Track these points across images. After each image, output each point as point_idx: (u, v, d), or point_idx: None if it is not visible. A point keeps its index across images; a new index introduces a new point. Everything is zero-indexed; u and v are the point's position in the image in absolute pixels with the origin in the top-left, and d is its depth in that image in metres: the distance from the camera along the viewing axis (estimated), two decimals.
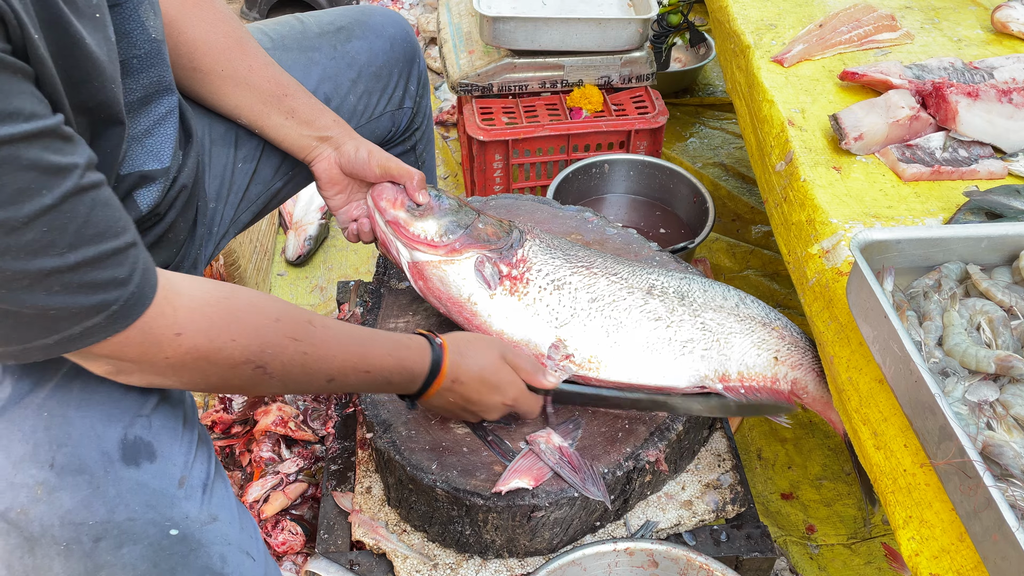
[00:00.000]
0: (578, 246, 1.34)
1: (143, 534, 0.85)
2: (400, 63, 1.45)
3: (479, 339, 1.14)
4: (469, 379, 1.08)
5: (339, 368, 0.96)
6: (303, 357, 0.92)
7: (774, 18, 1.69)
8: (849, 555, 1.65)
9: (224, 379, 0.88)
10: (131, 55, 0.94)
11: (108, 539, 0.84)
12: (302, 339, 0.92)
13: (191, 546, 0.89)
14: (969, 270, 1.08)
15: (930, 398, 0.88)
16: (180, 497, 0.90)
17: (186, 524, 0.89)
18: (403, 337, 1.06)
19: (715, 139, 2.73)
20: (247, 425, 1.79)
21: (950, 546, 0.89)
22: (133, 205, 0.98)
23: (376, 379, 1.01)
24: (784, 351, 1.26)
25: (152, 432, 0.92)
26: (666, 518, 1.25)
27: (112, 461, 0.87)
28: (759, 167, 1.49)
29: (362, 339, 1.00)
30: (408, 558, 1.21)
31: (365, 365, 0.99)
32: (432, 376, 1.06)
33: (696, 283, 1.31)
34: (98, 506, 0.84)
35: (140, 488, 0.87)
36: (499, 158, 2.09)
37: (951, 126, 1.34)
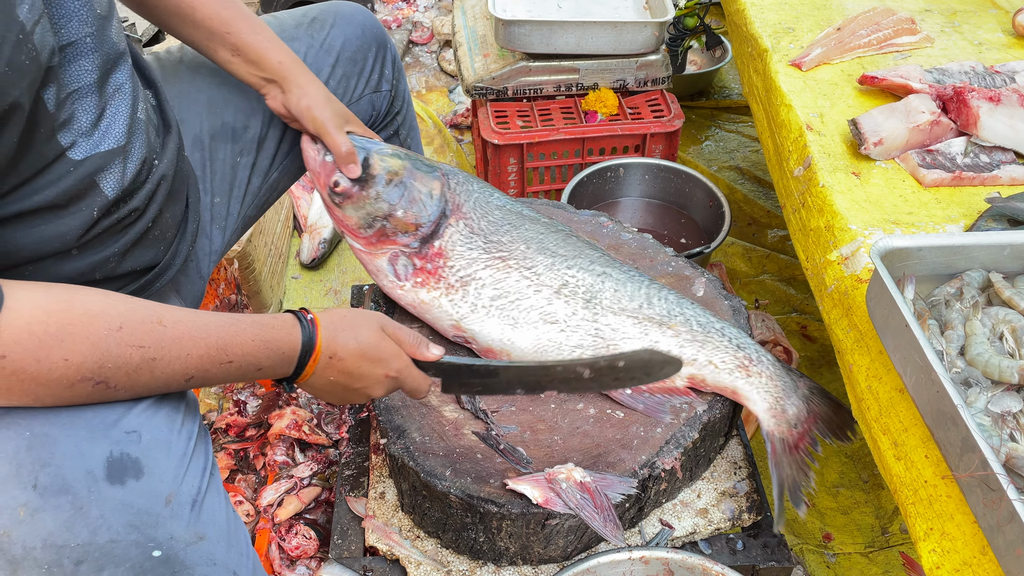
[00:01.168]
0: (510, 224, 1.34)
1: (125, 556, 0.83)
2: (373, 47, 1.49)
3: (355, 313, 1.07)
4: (347, 353, 1.02)
5: (196, 365, 0.90)
6: (151, 364, 0.86)
7: (792, 21, 1.67)
8: (866, 564, 1.63)
9: (59, 399, 0.83)
10: (83, 34, 0.90)
11: (89, 562, 0.82)
12: (149, 345, 0.85)
13: (174, 568, 0.87)
14: (992, 278, 1.07)
15: (952, 409, 0.87)
16: (166, 516, 0.87)
17: (170, 545, 0.86)
18: (269, 318, 0.99)
19: (731, 142, 2.71)
20: (261, 428, 1.80)
21: (972, 559, 0.87)
22: (98, 191, 0.94)
23: (243, 367, 0.95)
24: (677, 350, 1.25)
25: (141, 447, 0.89)
26: (681, 526, 1.24)
27: (96, 480, 0.84)
28: (777, 172, 1.47)
29: (221, 329, 0.93)
30: (421, 564, 1.20)
31: (226, 356, 0.92)
32: (306, 355, 1.00)
33: (613, 281, 1.29)
34: (80, 528, 0.82)
35: (124, 508, 0.85)
36: (514, 162, 2.08)
37: (972, 131, 1.33)
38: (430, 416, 1.23)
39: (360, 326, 1.04)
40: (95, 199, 0.94)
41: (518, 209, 1.37)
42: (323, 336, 1.01)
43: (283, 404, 1.80)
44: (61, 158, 0.89)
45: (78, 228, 0.92)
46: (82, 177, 0.92)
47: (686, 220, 2.07)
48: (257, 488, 1.71)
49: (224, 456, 1.76)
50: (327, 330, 1.01)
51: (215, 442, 1.81)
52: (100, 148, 0.94)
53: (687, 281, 1.44)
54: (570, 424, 1.23)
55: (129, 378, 0.85)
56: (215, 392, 1.97)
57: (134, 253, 1.03)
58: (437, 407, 1.25)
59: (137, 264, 1.04)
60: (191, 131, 1.29)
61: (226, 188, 1.32)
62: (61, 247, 0.92)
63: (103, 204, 0.95)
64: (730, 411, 1.28)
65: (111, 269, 0.99)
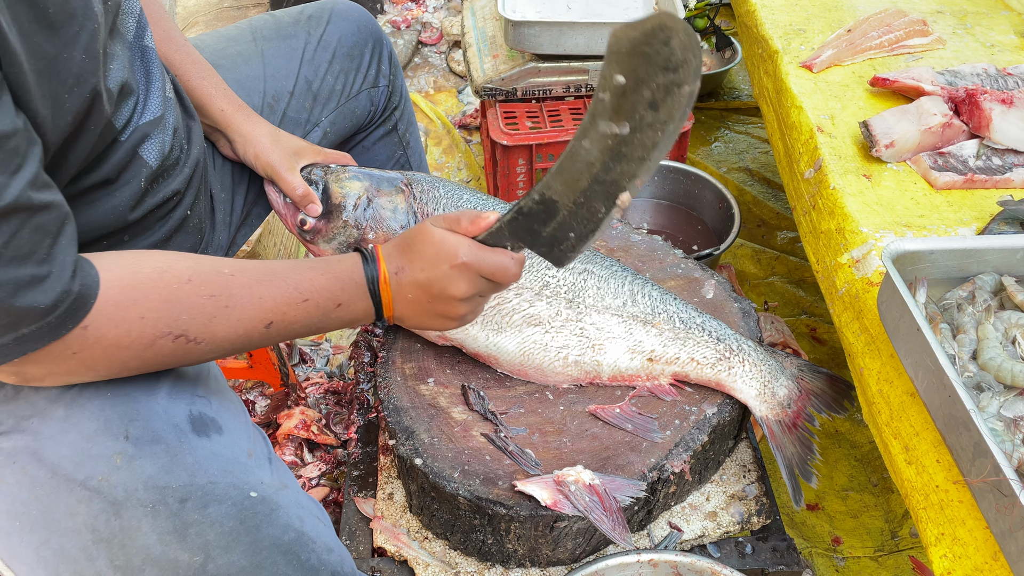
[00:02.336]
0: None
1: (225, 495, 0.87)
2: (370, 43, 1.51)
3: (411, 228, 1.02)
4: (408, 261, 0.98)
5: (273, 308, 0.90)
6: (226, 312, 0.87)
7: (803, 23, 1.67)
8: (876, 568, 1.62)
9: (144, 360, 0.85)
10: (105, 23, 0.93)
11: (193, 500, 0.86)
12: (219, 293, 0.87)
13: (271, 506, 0.91)
14: (1004, 282, 1.06)
15: (964, 413, 0.86)
16: (252, 466, 0.92)
17: (262, 488, 0.91)
18: (332, 257, 1.00)
19: (740, 143, 2.70)
20: (270, 428, 1.80)
21: (984, 565, 0.87)
22: (141, 162, 0.98)
23: (321, 305, 0.94)
24: (660, 348, 1.25)
25: (214, 410, 0.94)
26: (690, 529, 1.24)
27: (184, 433, 0.88)
28: (787, 174, 1.47)
29: (288, 270, 0.93)
30: (430, 566, 1.20)
31: (300, 294, 0.92)
32: (375, 280, 0.98)
33: (595, 278, 1.28)
34: (179, 471, 0.86)
35: (215, 456, 0.89)
36: (523, 162, 2.08)
37: (985, 134, 1.32)
38: (439, 418, 1.23)
39: (413, 233, 1.00)
40: (141, 169, 0.97)
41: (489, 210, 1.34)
42: (384, 254, 0.99)
43: (291, 404, 1.81)
44: (108, 131, 0.93)
45: (129, 200, 0.96)
46: (128, 149, 0.96)
47: (696, 221, 2.06)
48: None
49: None
50: (386, 249, 1.00)
51: None
52: (142, 120, 0.98)
53: (697, 283, 1.43)
54: (579, 426, 1.23)
55: (207, 328, 0.86)
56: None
57: (176, 239, 1.07)
58: (446, 408, 1.25)
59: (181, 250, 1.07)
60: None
61: (229, 183, 1.34)
62: (116, 221, 0.96)
63: (148, 173, 0.98)
64: (739, 414, 1.27)
65: None
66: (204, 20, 2.99)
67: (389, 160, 1.68)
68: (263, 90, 1.37)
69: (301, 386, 1.87)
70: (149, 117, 0.99)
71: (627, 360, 1.26)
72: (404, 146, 1.63)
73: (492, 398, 1.26)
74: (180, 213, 1.07)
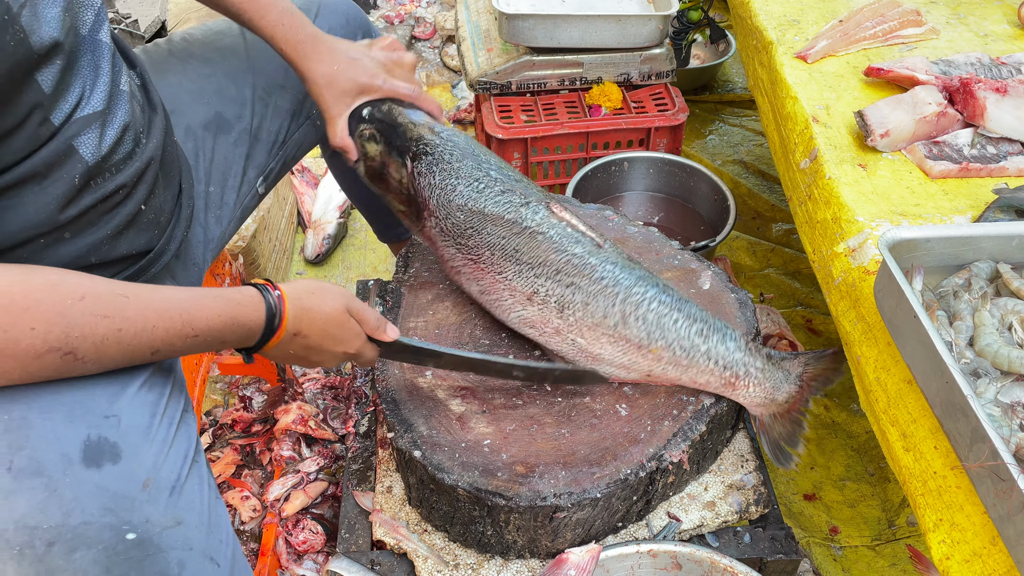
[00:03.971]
0: (473, 228, 1.28)
1: (97, 538, 0.83)
2: (358, 36, 1.50)
3: (322, 290, 1.07)
4: (312, 331, 1.03)
5: (162, 338, 0.90)
6: (117, 335, 0.85)
7: (797, 14, 1.67)
8: (873, 557, 1.63)
9: (28, 372, 0.82)
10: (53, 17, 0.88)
11: (61, 543, 0.82)
12: (113, 315, 0.85)
13: (148, 551, 0.86)
14: (1000, 269, 1.07)
15: (962, 399, 0.87)
16: (142, 500, 0.87)
17: (145, 528, 0.86)
18: (234, 292, 0.98)
19: (735, 136, 2.71)
20: (267, 424, 1.80)
21: (982, 550, 0.87)
22: (76, 156, 0.93)
23: (207, 340, 0.95)
24: (659, 371, 1.22)
25: (120, 431, 0.90)
26: (689, 519, 1.24)
27: (72, 463, 0.85)
28: (783, 164, 1.47)
29: (186, 303, 0.93)
30: (429, 558, 1.20)
31: (191, 330, 0.92)
32: (270, 330, 1.00)
33: (582, 293, 1.22)
34: (53, 510, 0.82)
35: (99, 491, 0.85)
36: (518, 156, 2.08)
37: (979, 122, 1.32)
38: (437, 410, 1.23)
39: (327, 303, 1.05)
40: (75, 165, 0.92)
41: (480, 207, 1.28)
42: (289, 313, 1.01)
43: (289, 399, 1.81)
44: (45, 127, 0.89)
45: (59, 197, 0.91)
46: (61, 142, 0.91)
47: (691, 214, 2.06)
48: (264, 483, 1.71)
49: (230, 452, 1.77)
50: (293, 307, 1.01)
51: (220, 438, 1.81)
52: (79, 114, 0.93)
53: (693, 274, 1.44)
54: (577, 417, 1.23)
55: (97, 349, 0.85)
56: (220, 388, 1.97)
57: (128, 236, 1.03)
58: (444, 401, 1.25)
59: (132, 248, 1.03)
60: (182, 121, 1.29)
61: (220, 178, 1.32)
62: (47, 220, 0.91)
63: (83, 170, 0.93)
64: (737, 404, 1.27)
65: (105, 252, 0.99)
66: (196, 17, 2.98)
67: None
68: (253, 83, 1.36)
69: (298, 381, 1.86)
70: (89, 111, 0.94)
71: (624, 373, 1.25)
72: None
73: (491, 388, 1.26)
74: (130, 208, 1.02)
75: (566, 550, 1.16)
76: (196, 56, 1.34)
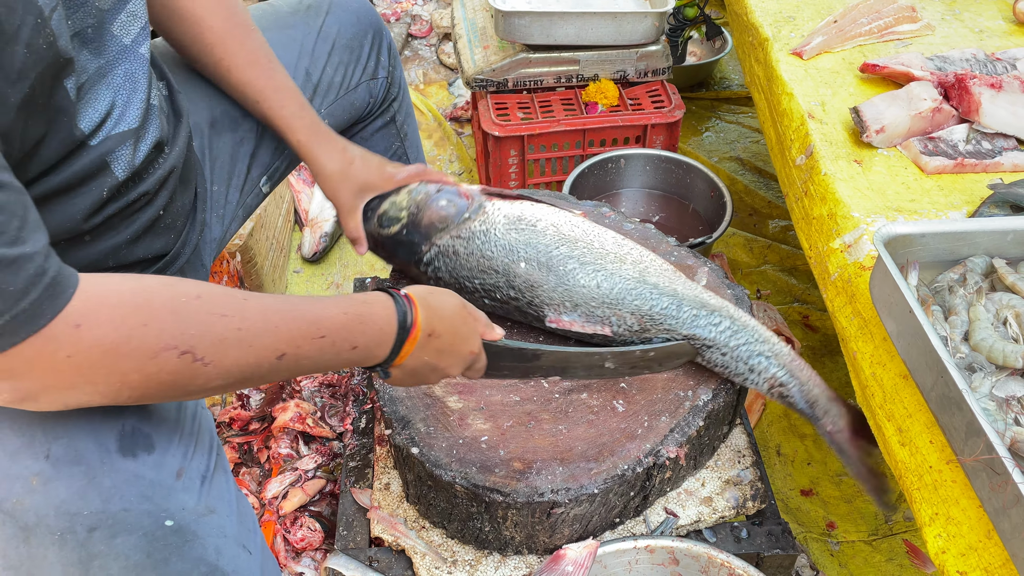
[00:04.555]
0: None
1: (137, 524, 0.85)
2: (369, 34, 1.49)
3: (439, 290, 1.03)
4: (444, 329, 0.97)
5: (287, 339, 0.84)
6: (238, 334, 0.80)
7: (792, 10, 1.67)
8: (870, 552, 1.63)
9: (147, 375, 0.76)
10: (86, 25, 0.89)
11: (102, 529, 0.83)
12: (232, 314, 0.80)
13: (186, 537, 0.88)
14: (995, 264, 1.07)
15: (957, 394, 0.87)
16: (177, 488, 0.89)
17: (182, 515, 0.88)
18: (358, 295, 0.94)
19: (731, 133, 2.71)
20: (265, 422, 1.80)
21: (977, 543, 0.88)
22: (108, 172, 0.93)
23: (336, 343, 0.88)
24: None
25: (151, 424, 0.90)
26: (686, 515, 1.24)
27: (109, 452, 0.86)
28: (779, 161, 1.47)
29: (308, 303, 0.88)
30: (427, 555, 1.21)
31: (318, 330, 0.86)
32: (403, 330, 0.93)
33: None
34: (93, 496, 0.83)
35: (136, 479, 0.86)
36: (514, 153, 2.08)
37: (974, 118, 1.33)
38: (434, 407, 1.24)
39: (447, 300, 1.00)
40: (105, 179, 0.93)
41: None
42: (421, 311, 0.95)
43: (286, 397, 1.81)
44: (80, 143, 0.89)
45: (86, 209, 0.92)
46: (95, 158, 0.91)
47: (688, 210, 2.07)
48: (262, 481, 1.72)
49: (228, 450, 1.77)
50: (422, 304, 0.95)
51: (218, 435, 1.82)
52: (115, 131, 0.94)
53: (690, 271, 1.44)
54: (574, 414, 1.23)
55: (216, 348, 0.79)
56: None
57: (145, 240, 1.03)
58: (441, 397, 1.25)
59: (148, 252, 1.04)
60: (191, 119, 1.29)
61: (224, 176, 1.32)
62: (70, 228, 0.91)
63: (113, 185, 0.93)
64: (734, 399, 1.28)
65: (123, 256, 1.00)
66: None
67: (387, 152, 1.67)
68: None
69: (295, 379, 1.86)
70: (124, 127, 0.94)
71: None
72: (402, 138, 1.62)
73: (488, 386, 1.27)
74: (150, 214, 1.02)
75: (564, 546, 1.16)
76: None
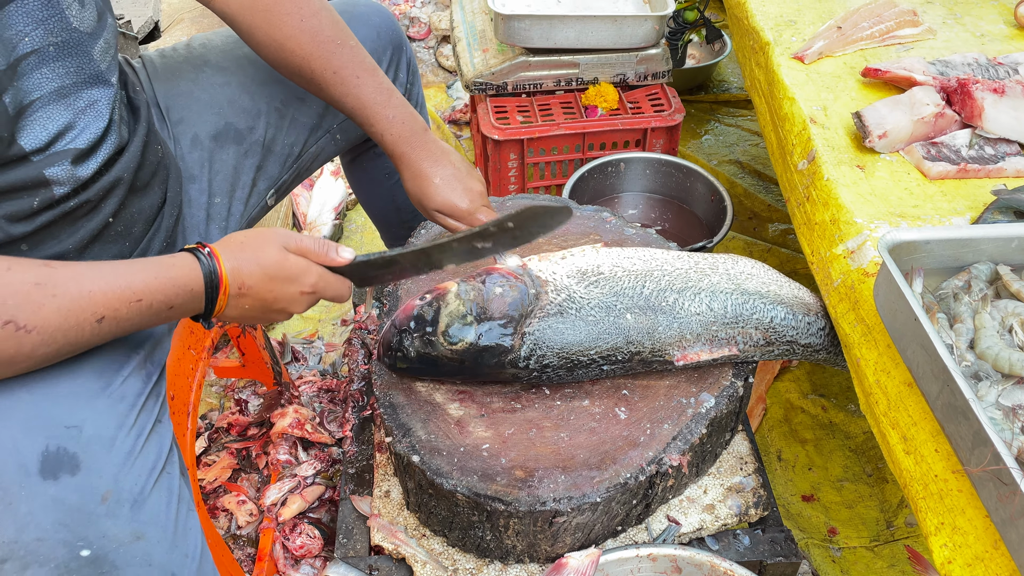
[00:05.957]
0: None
1: (50, 555, 0.82)
2: (388, 51, 1.46)
3: (254, 236, 1.03)
4: (255, 281, 0.98)
5: (104, 303, 0.86)
6: (54, 300, 0.82)
7: (793, 14, 1.67)
8: (872, 558, 1.63)
9: None
10: (48, 43, 0.90)
11: (13, 560, 0.81)
12: (44, 282, 0.82)
13: (101, 568, 0.85)
14: (1000, 271, 1.06)
15: (963, 402, 0.86)
16: (100, 514, 0.86)
17: (101, 543, 0.85)
18: (166, 258, 0.95)
19: (731, 136, 2.71)
20: (263, 427, 1.79)
21: (984, 554, 0.87)
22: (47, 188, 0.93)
23: (154, 307, 0.91)
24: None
25: (81, 442, 0.88)
26: (688, 522, 1.24)
27: (29, 475, 0.83)
28: (780, 165, 1.47)
29: (121, 268, 0.90)
30: (427, 563, 1.20)
31: (132, 293, 0.88)
32: (212, 289, 0.96)
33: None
34: (8, 525, 0.81)
35: (55, 504, 0.83)
36: (514, 157, 2.08)
37: (977, 123, 1.32)
38: (435, 414, 1.23)
39: (261, 248, 1.00)
40: (39, 192, 0.92)
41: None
42: (226, 268, 0.97)
43: (285, 403, 1.80)
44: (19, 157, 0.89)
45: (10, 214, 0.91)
46: (34, 174, 0.91)
47: (688, 215, 2.06)
48: (260, 487, 1.71)
49: (226, 456, 1.76)
50: (229, 261, 0.97)
51: (216, 441, 1.80)
52: (65, 147, 0.93)
53: None
54: (576, 421, 1.22)
55: (36, 315, 0.81)
56: (216, 391, 1.96)
57: (95, 248, 1.01)
58: (442, 404, 1.24)
59: (100, 259, 1.01)
60: (190, 130, 1.27)
61: (227, 188, 1.30)
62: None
63: (48, 198, 0.93)
64: (737, 406, 1.27)
65: None
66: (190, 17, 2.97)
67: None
68: (269, 94, 1.33)
69: (294, 384, 1.85)
70: (75, 147, 0.95)
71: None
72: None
73: (489, 393, 1.26)
74: (97, 221, 1.01)
75: (566, 554, 1.15)
76: (211, 64, 1.31)
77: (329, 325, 2.17)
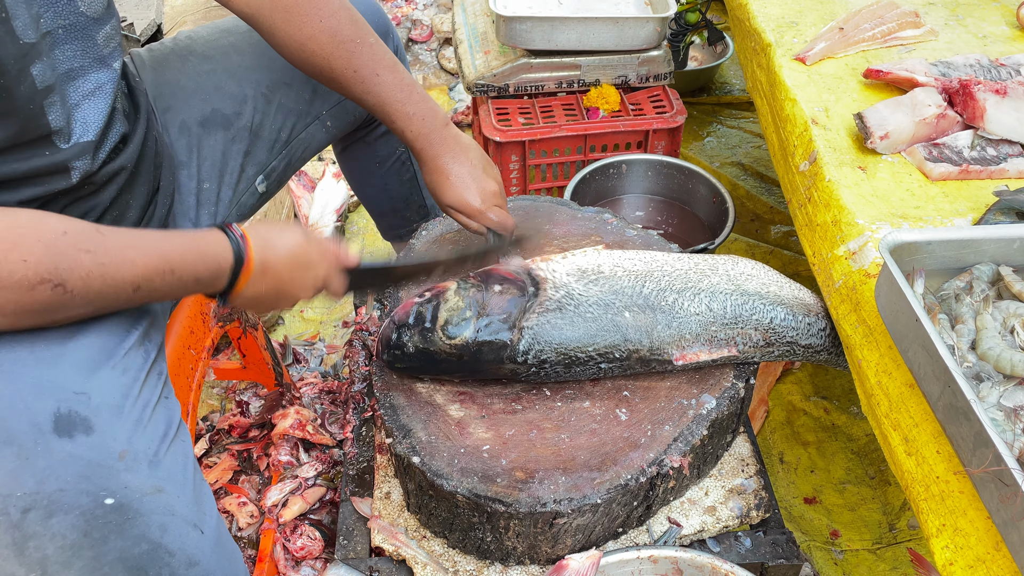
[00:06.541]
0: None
1: (74, 504, 0.84)
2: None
3: (279, 225, 1.08)
4: (278, 262, 1.03)
5: (143, 273, 0.90)
6: (101, 268, 0.87)
7: (795, 15, 1.66)
8: (874, 560, 1.62)
9: (21, 305, 0.82)
10: (57, 25, 0.92)
11: (37, 510, 0.82)
12: (95, 249, 0.86)
13: (127, 515, 0.87)
14: (1001, 272, 1.06)
15: (965, 403, 0.86)
16: (119, 468, 0.88)
17: (124, 493, 0.87)
18: (199, 232, 0.99)
19: (732, 138, 2.70)
20: (264, 429, 1.79)
21: (986, 555, 0.86)
22: (66, 177, 0.97)
23: (183, 278, 0.95)
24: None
25: (91, 408, 0.90)
26: (689, 524, 1.23)
27: (43, 432, 0.85)
28: (782, 167, 1.47)
29: (158, 239, 0.95)
30: (428, 565, 1.19)
31: (167, 265, 0.93)
32: (239, 263, 0.99)
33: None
34: (26, 477, 0.82)
35: (73, 460, 0.85)
36: (516, 159, 2.08)
37: (979, 124, 1.32)
38: (436, 415, 1.23)
39: (286, 231, 1.05)
40: (60, 182, 0.96)
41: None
42: (254, 248, 1.00)
43: (286, 404, 1.80)
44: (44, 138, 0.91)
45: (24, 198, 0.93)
46: (59, 161, 0.94)
47: (690, 216, 2.06)
48: (261, 489, 1.70)
49: (227, 457, 1.76)
50: (257, 241, 1.01)
51: (217, 443, 1.80)
52: (81, 139, 0.96)
53: None
54: (577, 422, 1.22)
55: (83, 282, 0.85)
56: (217, 393, 1.96)
57: None
58: (443, 406, 1.24)
59: None
60: (177, 117, 1.29)
61: (215, 174, 1.32)
62: None
63: (65, 187, 0.97)
64: (738, 408, 1.27)
65: None
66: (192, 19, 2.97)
67: (390, 157, 1.66)
68: (256, 80, 1.35)
69: (295, 386, 1.85)
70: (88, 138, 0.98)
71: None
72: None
73: (490, 394, 1.26)
74: (97, 208, 1.04)
75: (566, 556, 1.15)
76: (196, 53, 1.34)
77: (330, 327, 2.17)
